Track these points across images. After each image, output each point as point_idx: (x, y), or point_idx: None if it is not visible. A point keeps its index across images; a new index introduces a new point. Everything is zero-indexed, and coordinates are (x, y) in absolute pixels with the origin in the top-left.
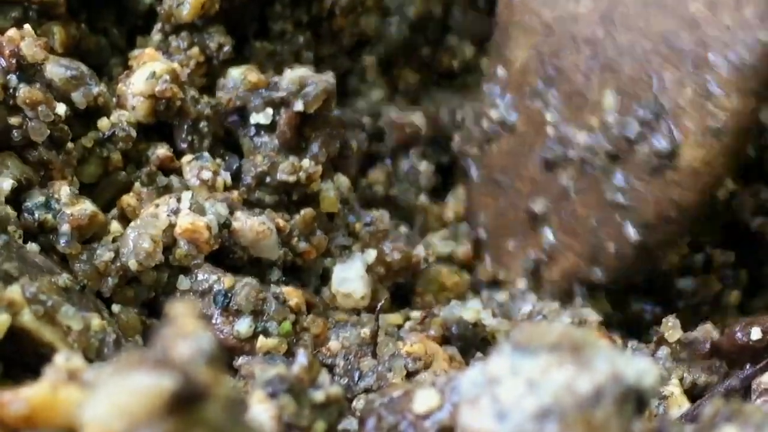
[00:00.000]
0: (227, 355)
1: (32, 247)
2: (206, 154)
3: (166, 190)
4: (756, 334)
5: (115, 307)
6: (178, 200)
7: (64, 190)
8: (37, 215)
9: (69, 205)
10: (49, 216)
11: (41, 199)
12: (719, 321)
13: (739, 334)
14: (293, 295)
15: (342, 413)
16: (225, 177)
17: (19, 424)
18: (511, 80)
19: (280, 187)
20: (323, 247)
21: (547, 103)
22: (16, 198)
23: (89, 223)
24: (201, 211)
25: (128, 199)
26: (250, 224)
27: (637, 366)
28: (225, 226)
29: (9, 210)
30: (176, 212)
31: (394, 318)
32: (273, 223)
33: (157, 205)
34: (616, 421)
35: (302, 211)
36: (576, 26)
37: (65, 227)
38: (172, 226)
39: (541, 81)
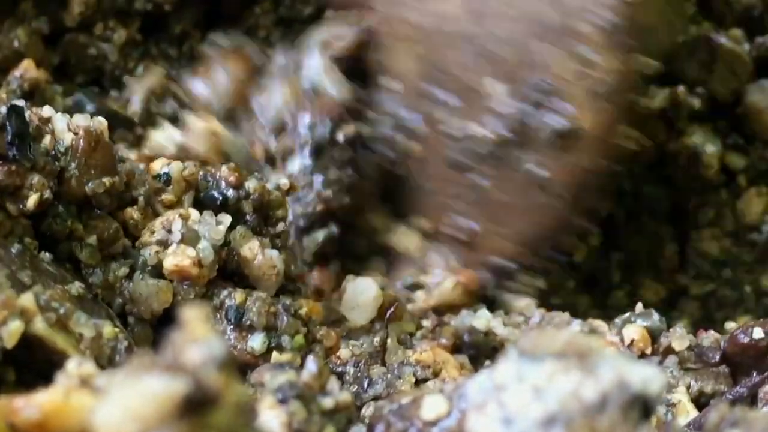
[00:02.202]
0: (242, 371)
1: (45, 256)
2: None
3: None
4: (758, 333)
5: (130, 318)
6: (169, 231)
7: None
8: (69, 222)
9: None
10: (80, 226)
11: (73, 207)
12: None
13: (741, 335)
14: (303, 303)
15: (351, 420)
16: None
17: (32, 430)
18: (407, 91)
19: None
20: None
21: (444, 105)
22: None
23: (113, 237)
24: (193, 238)
25: (131, 212)
26: (261, 260)
27: (643, 373)
28: (225, 244)
29: (24, 221)
30: (165, 245)
31: (407, 326)
32: (283, 264)
33: (152, 232)
34: (621, 427)
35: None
36: (449, 25)
37: (92, 238)
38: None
39: (432, 84)
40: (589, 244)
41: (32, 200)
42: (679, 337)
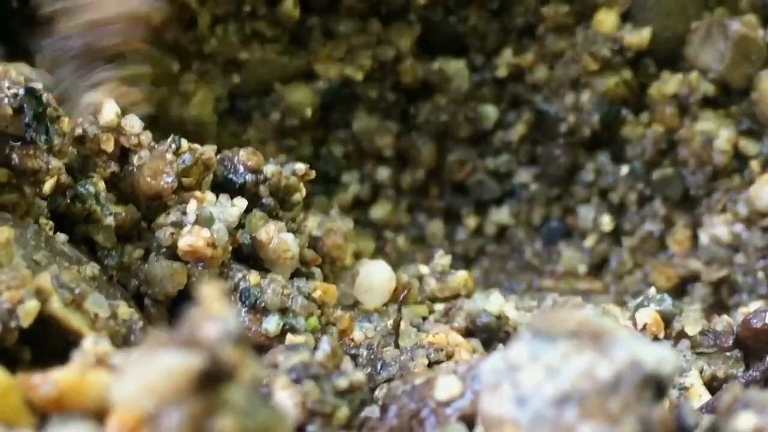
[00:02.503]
0: (257, 353)
1: (61, 237)
2: None
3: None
4: None
5: (146, 300)
6: (184, 213)
7: None
8: (88, 204)
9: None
10: (98, 208)
11: (91, 189)
12: None
13: (754, 320)
14: (317, 287)
15: (364, 401)
16: None
17: (49, 406)
18: None
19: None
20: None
21: None
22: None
23: (131, 222)
24: (208, 221)
25: None
26: (276, 243)
27: (657, 353)
28: (240, 227)
29: (40, 201)
30: (180, 226)
31: (420, 309)
32: (297, 247)
33: (167, 214)
34: (634, 407)
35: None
36: None
37: (110, 220)
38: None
39: None
40: (601, 229)
41: (49, 184)
42: (691, 322)
